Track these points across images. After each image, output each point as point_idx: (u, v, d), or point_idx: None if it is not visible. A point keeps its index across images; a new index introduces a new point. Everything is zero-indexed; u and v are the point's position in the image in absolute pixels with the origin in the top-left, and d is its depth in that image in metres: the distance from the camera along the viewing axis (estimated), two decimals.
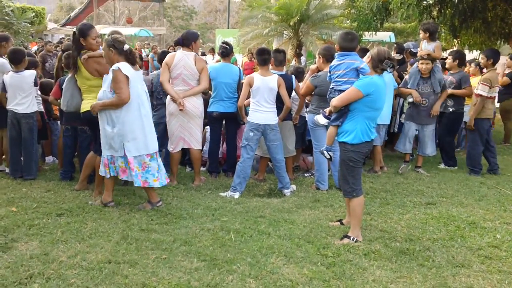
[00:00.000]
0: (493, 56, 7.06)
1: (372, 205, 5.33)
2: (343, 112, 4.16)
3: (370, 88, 4.03)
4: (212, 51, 17.05)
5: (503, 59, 11.44)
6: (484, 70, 7.26)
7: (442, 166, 7.38)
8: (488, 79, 6.85)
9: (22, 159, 5.95)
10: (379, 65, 4.04)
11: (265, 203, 5.31)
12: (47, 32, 27.59)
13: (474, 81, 7.63)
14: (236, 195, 5.55)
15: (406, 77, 7.11)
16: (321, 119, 4.38)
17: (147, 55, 16.15)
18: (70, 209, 4.78)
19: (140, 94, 4.74)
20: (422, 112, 6.85)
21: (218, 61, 15.15)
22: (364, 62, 4.18)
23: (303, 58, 13.94)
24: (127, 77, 4.56)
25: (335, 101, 4.11)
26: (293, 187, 5.94)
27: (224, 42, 6.47)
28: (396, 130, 8.06)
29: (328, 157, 4.44)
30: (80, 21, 33.01)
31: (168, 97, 5.84)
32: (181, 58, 5.75)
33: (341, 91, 4.20)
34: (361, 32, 12.22)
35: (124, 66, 4.59)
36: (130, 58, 4.66)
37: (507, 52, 13.52)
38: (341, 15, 14.15)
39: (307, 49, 14.71)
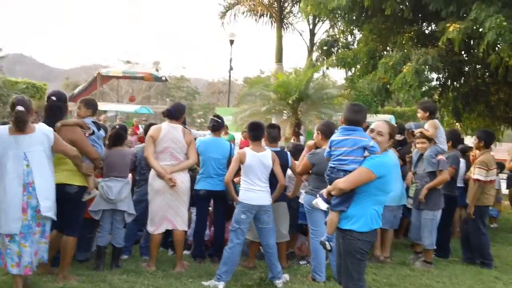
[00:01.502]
0: (486, 138, 6.65)
1: None
2: (348, 195, 3.60)
3: (383, 169, 3.54)
4: None
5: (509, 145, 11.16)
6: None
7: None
8: (483, 162, 6.39)
9: None
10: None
11: None
12: None
13: None
14: (221, 285, 4.87)
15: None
16: (321, 204, 3.75)
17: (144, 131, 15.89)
18: None
19: (5, 163, 4.09)
20: (417, 196, 6.27)
21: None
22: (373, 140, 3.63)
23: (302, 138, 13.60)
24: None
25: (342, 183, 3.54)
26: (286, 277, 5.27)
27: (215, 115, 6.07)
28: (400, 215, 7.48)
29: (329, 248, 3.77)
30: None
31: (152, 172, 5.34)
32: (169, 130, 5.34)
33: (346, 171, 3.59)
34: None
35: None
36: (14, 121, 4.10)
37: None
38: (341, 95, 14.01)
39: (306, 128, 14.42)
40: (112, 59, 54.34)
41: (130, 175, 6.00)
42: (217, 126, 5.97)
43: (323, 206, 3.73)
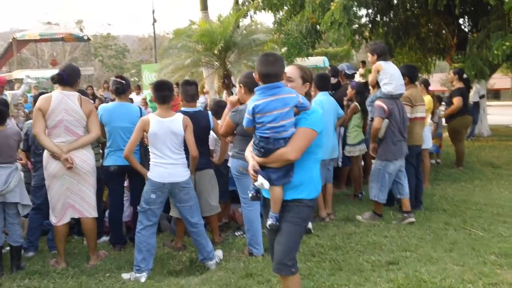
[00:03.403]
0: (409, 73, 6.07)
1: (320, 273, 4.08)
2: (290, 163, 2.94)
3: (321, 123, 2.96)
4: (138, 88, 15.69)
5: (441, 76, 10.92)
6: None
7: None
8: (406, 97, 5.89)
9: None
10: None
11: (179, 287, 3.95)
12: None
13: None
14: (143, 277, 4.15)
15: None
16: (266, 183, 2.92)
17: None
18: None
19: None
20: None
21: (144, 99, 13.86)
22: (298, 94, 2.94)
23: (235, 89, 12.74)
24: None
25: (292, 153, 2.85)
26: (219, 254, 4.63)
27: (117, 76, 5.09)
28: (340, 164, 7.00)
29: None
30: (0, 67, 31.04)
31: (46, 154, 4.39)
32: (61, 100, 4.35)
33: (286, 138, 2.88)
34: (293, 57, 11.32)
35: None
36: None
37: (445, 68, 13.02)
38: (270, 40, 13.18)
39: (236, 79, 13.63)
40: (32, 22, 50.35)
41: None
42: (121, 89, 5.02)
43: (268, 185, 2.93)
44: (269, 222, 3.02)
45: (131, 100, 13.51)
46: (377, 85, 5.80)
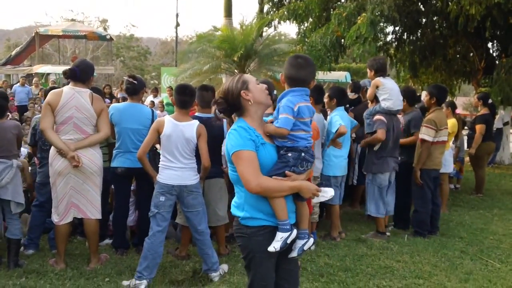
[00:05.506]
0: (438, 94, 5.89)
1: None
2: None
3: None
4: (155, 90, 15.65)
5: (464, 100, 10.64)
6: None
7: (390, 228, 6.00)
8: (432, 121, 5.70)
9: None
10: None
11: None
12: None
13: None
14: (143, 285, 3.98)
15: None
16: (332, 190, 2.70)
17: None
18: None
19: None
20: None
21: (161, 102, 13.78)
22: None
23: None
24: None
25: None
26: (224, 267, 4.44)
27: (130, 76, 4.95)
28: (355, 182, 6.79)
29: None
30: (22, 60, 31.24)
31: (52, 150, 4.27)
32: (72, 96, 4.23)
33: None
34: None
35: None
36: None
37: (468, 92, 12.72)
38: (292, 51, 13.01)
39: None
40: (57, 18, 50.93)
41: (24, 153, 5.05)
42: (132, 89, 4.86)
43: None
44: (312, 240, 2.65)
45: (152, 103, 13.57)
46: (375, 99, 5.70)
